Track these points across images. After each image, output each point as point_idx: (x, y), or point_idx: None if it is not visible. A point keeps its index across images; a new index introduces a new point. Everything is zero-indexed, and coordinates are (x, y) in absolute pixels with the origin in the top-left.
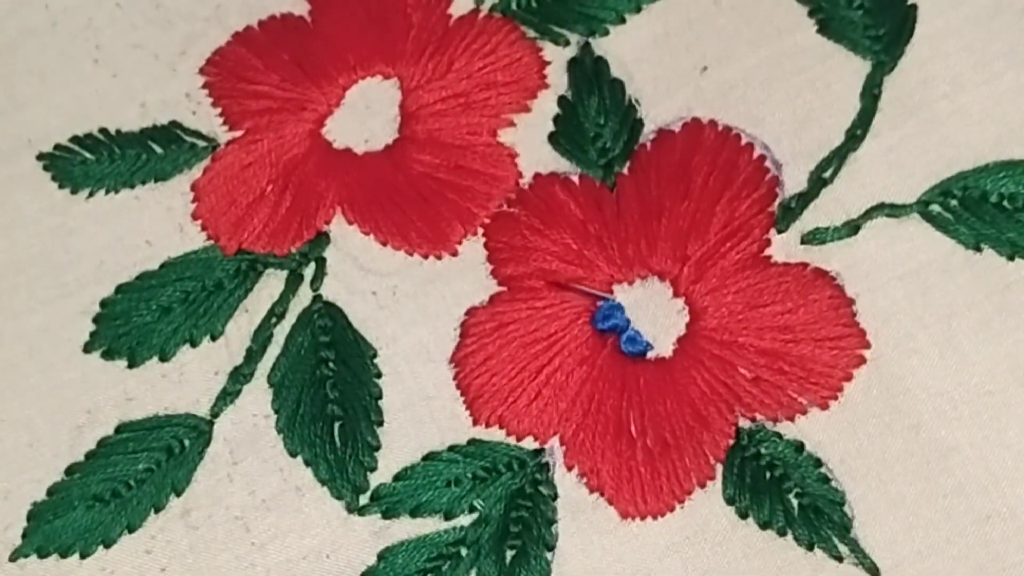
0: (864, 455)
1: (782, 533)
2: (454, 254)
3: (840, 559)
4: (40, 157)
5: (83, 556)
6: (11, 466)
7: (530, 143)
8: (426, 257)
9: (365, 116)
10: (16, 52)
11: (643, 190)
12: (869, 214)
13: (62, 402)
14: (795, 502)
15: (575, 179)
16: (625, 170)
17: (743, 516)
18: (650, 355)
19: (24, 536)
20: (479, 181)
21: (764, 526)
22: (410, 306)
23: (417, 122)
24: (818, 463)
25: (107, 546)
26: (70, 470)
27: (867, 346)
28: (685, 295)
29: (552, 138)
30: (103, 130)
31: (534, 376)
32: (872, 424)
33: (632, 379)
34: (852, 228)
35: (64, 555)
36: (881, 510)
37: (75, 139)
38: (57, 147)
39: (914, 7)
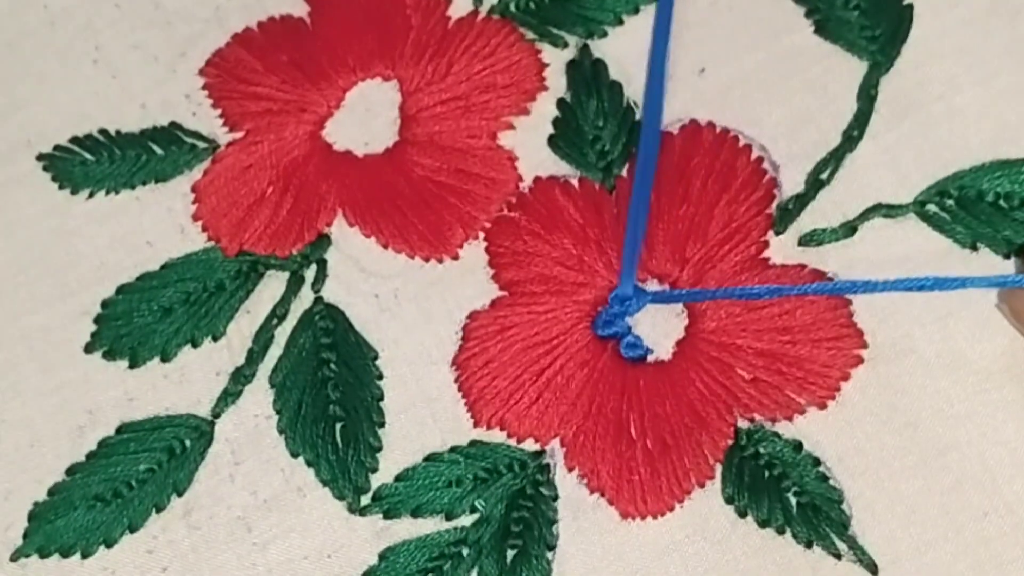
0: (862, 453)
1: (781, 531)
2: (455, 257)
3: (839, 556)
4: (40, 158)
5: (84, 556)
6: (12, 466)
7: (529, 146)
8: (427, 260)
9: (365, 118)
10: (15, 52)
11: None
12: (866, 215)
13: (63, 402)
14: (794, 500)
15: (575, 183)
16: (624, 173)
17: (742, 515)
18: (649, 358)
19: (25, 536)
20: (479, 185)
21: (763, 524)
22: (411, 309)
23: (417, 125)
24: (816, 462)
25: (108, 546)
26: (71, 470)
27: (864, 346)
28: None
29: (551, 141)
30: (103, 131)
31: (535, 379)
32: (870, 423)
33: (632, 382)
34: (849, 229)
35: (65, 555)
36: (879, 507)
37: (75, 140)
38: (57, 148)
39: (910, 8)
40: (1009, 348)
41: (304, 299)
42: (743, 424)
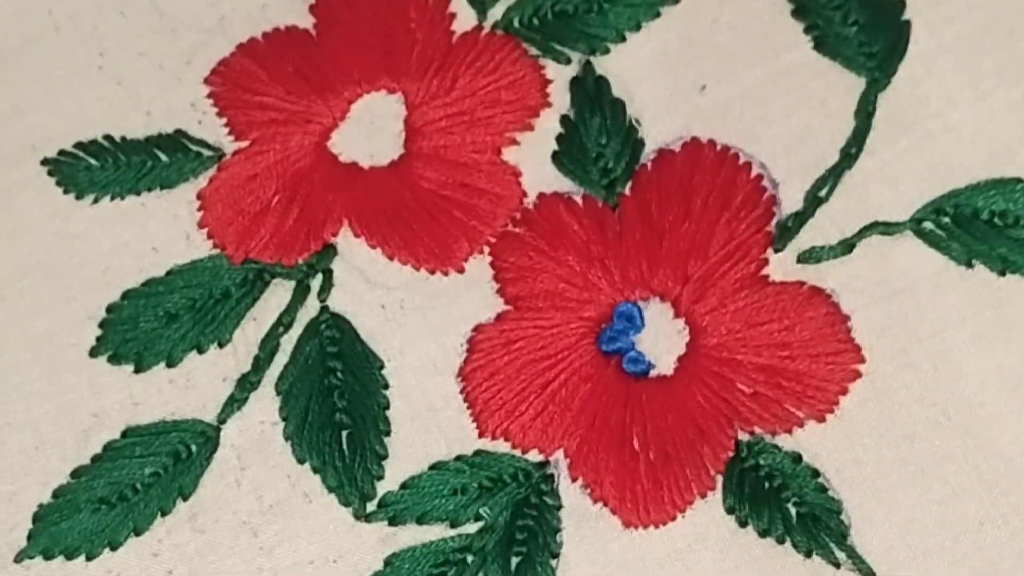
0: (860, 465)
1: (781, 541)
2: (460, 271)
3: (838, 565)
4: (45, 162)
5: (89, 558)
6: (16, 468)
7: (533, 162)
8: (433, 272)
9: (370, 131)
10: (19, 57)
11: (644, 211)
12: (863, 232)
13: (68, 406)
14: (793, 511)
15: (578, 199)
16: (627, 190)
17: (743, 524)
18: (652, 373)
19: (29, 538)
20: (484, 200)
21: (763, 534)
22: (417, 320)
23: (422, 138)
24: (815, 473)
25: (113, 548)
26: (76, 473)
27: (862, 361)
28: (686, 315)
29: (555, 157)
30: (108, 137)
31: (540, 392)
32: (868, 435)
33: (635, 396)
34: (847, 246)
35: (70, 557)
36: (877, 517)
37: (79, 145)
38: (61, 153)
39: (907, 24)
40: (1004, 362)
41: (310, 308)
42: (743, 437)
